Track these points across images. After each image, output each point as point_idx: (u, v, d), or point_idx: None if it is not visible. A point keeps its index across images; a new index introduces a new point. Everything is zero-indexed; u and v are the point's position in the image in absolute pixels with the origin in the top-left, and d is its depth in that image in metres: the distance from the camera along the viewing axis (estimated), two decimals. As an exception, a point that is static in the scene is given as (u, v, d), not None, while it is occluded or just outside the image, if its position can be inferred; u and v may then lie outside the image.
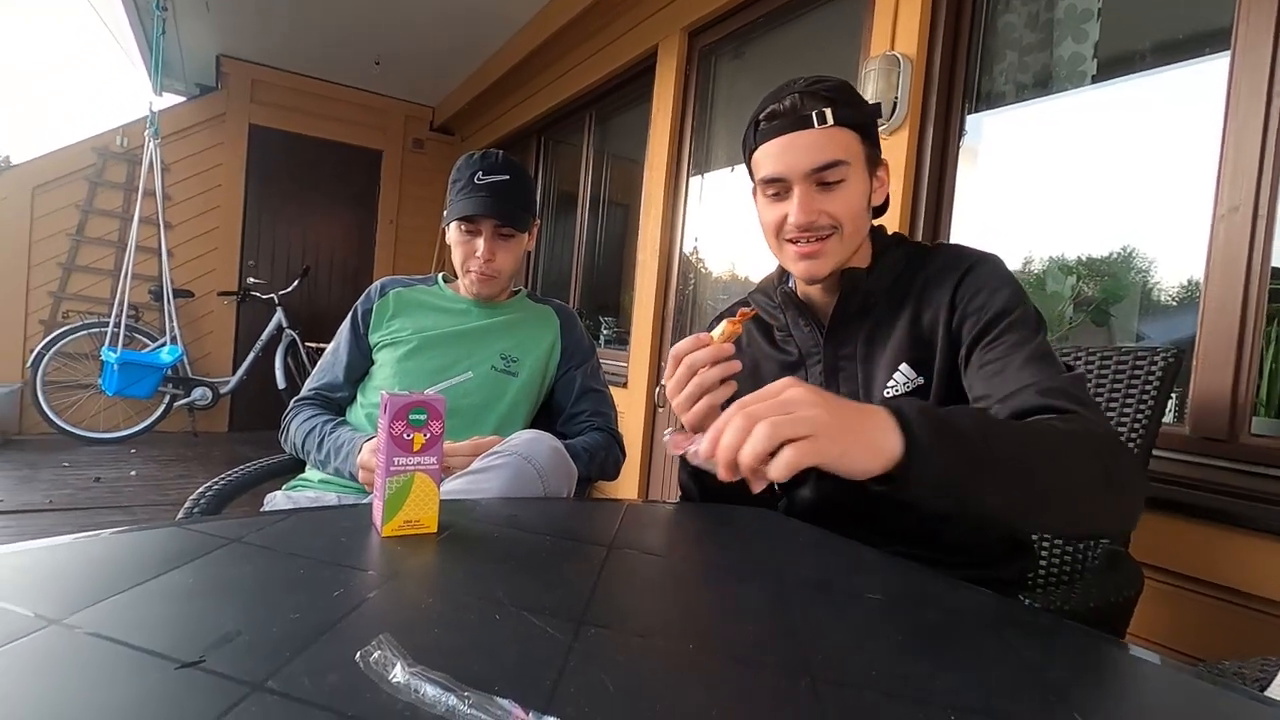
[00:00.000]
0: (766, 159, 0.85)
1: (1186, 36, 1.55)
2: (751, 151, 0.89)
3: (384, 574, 0.58)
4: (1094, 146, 1.76)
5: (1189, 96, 1.54)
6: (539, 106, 4.15)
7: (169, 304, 4.28)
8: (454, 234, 1.28)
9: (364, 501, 1.09)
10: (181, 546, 0.60)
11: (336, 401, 1.31)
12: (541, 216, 4.47)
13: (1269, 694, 0.65)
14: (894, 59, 1.83)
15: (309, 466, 1.23)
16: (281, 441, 1.29)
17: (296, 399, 1.31)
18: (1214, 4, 1.41)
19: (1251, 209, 1.24)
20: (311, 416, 1.25)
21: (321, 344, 1.57)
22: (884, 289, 0.90)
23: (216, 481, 1.12)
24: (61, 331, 4.13)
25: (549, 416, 1.37)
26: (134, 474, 3.63)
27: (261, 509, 1.17)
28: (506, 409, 1.26)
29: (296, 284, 4.59)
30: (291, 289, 4.57)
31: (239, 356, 4.77)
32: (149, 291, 4.51)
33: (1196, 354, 1.31)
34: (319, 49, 4.52)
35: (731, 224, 2.86)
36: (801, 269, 0.88)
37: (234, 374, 4.57)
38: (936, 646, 0.52)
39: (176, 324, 4.31)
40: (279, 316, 4.52)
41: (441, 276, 1.39)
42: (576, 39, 3.55)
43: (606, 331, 3.82)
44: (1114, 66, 1.65)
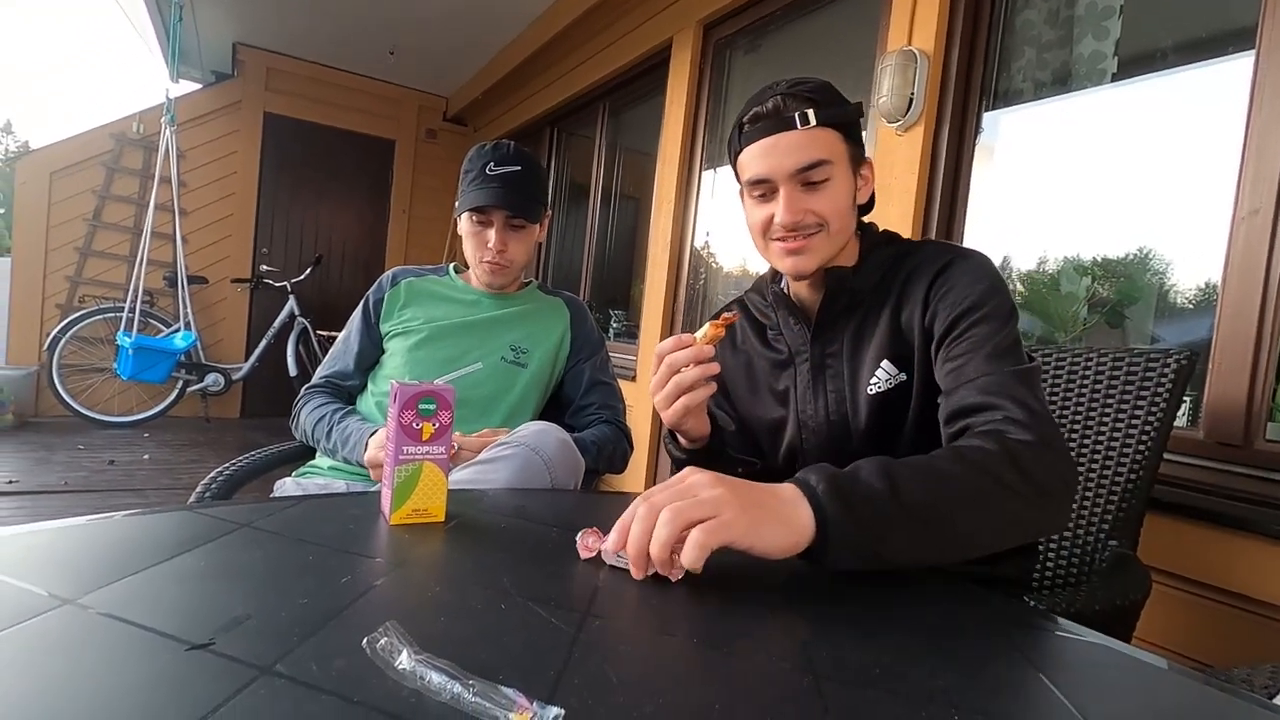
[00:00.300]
0: (752, 161, 0.86)
1: (1210, 35, 1.52)
2: (737, 154, 0.90)
3: (392, 562, 0.59)
4: (1113, 146, 1.73)
5: (1211, 96, 1.52)
6: (552, 98, 4.14)
7: (183, 290, 4.33)
8: (466, 224, 1.28)
9: (373, 489, 1.10)
10: (193, 530, 0.60)
11: (347, 390, 1.32)
12: (553, 208, 4.48)
13: (1278, 702, 0.65)
14: (911, 54, 1.81)
15: (319, 453, 1.25)
16: (293, 429, 1.30)
17: (308, 387, 1.32)
18: (1239, 2, 1.39)
19: (1273, 212, 1.22)
20: (322, 405, 1.26)
21: (333, 332, 1.58)
22: (870, 287, 0.90)
23: (228, 467, 1.13)
24: (78, 316, 4.18)
25: (557, 408, 1.37)
26: (147, 458, 3.68)
27: (271, 495, 1.19)
28: (516, 400, 1.26)
29: (309, 272, 4.61)
30: (304, 277, 4.59)
31: (251, 343, 4.81)
32: (164, 278, 4.55)
33: (1212, 358, 1.29)
34: (334, 38, 4.53)
35: (743, 219, 2.84)
36: (789, 265, 0.88)
37: (246, 361, 4.61)
38: (940, 646, 0.52)
39: (190, 310, 4.36)
40: (291, 304, 4.55)
41: (453, 267, 1.39)
42: (591, 31, 3.54)
43: (616, 325, 3.82)
44: (1135, 65, 1.63)
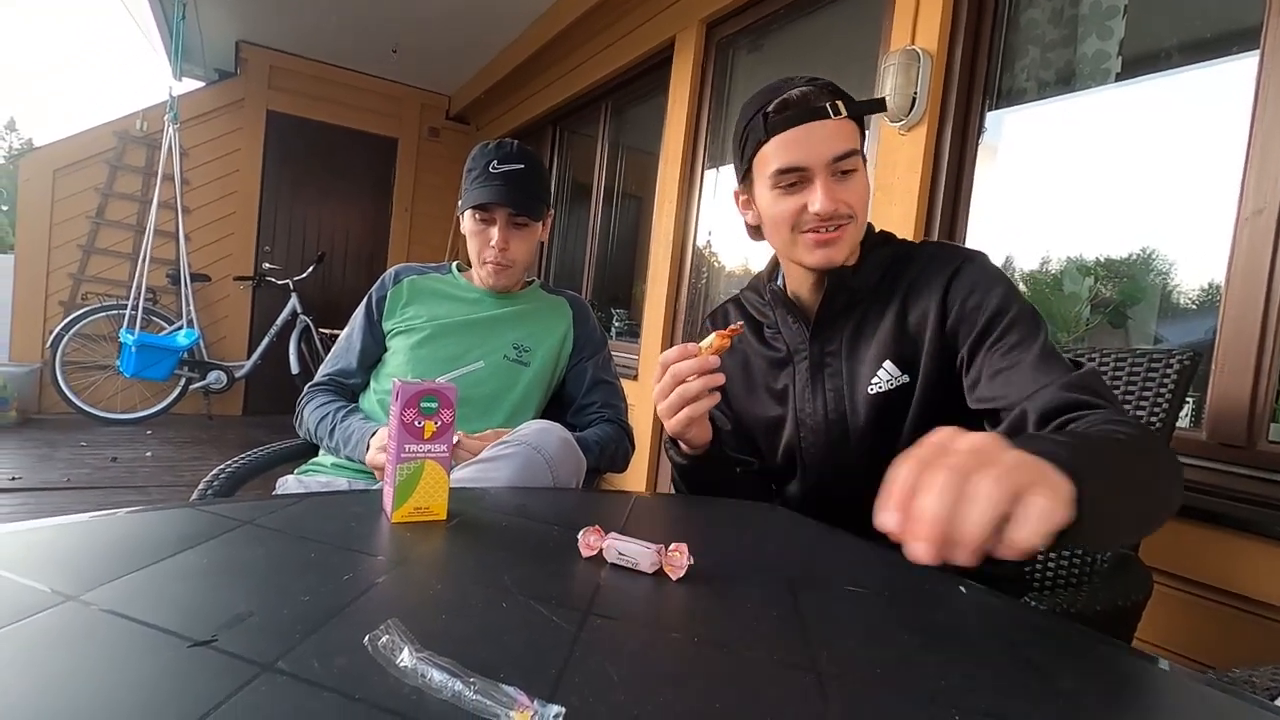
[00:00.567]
0: (782, 149, 0.83)
1: (1214, 35, 1.52)
2: (760, 143, 0.86)
3: (393, 559, 0.59)
4: (1116, 146, 1.73)
5: (1215, 96, 1.51)
6: (555, 97, 4.14)
7: (186, 288, 4.33)
8: (469, 223, 1.28)
9: (374, 488, 1.10)
10: (195, 527, 0.60)
11: (350, 387, 1.32)
12: (555, 207, 4.47)
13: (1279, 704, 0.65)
14: (914, 54, 1.81)
15: (322, 451, 1.25)
16: (297, 426, 1.31)
17: (310, 384, 1.33)
18: (1243, 2, 1.39)
19: (1276, 213, 1.22)
20: (324, 403, 1.26)
21: (335, 330, 1.58)
22: (869, 286, 0.89)
23: (230, 464, 1.13)
24: (81, 313, 4.19)
25: (559, 407, 1.37)
26: (149, 455, 3.69)
27: (273, 492, 1.19)
28: (518, 399, 1.26)
29: (311, 270, 4.62)
30: (306, 275, 4.60)
31: (254, 341, 4.81)
32: (166, 275, 4.55)
33: (1215, 358, 1.29)
34: (337, 36, 4.53)
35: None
36: (819, 256, 0.86)
37: (249, 358, 4.62)
38: (942, 646, 0.52)
39: (193, 308, 4.36)
40: (294, 302, 4.56)
41: (455, 265, 1.39)
42: (593, 30, 3.53)
43: (618, 323, 3.82)
44: (1139, 65, 1.62)
